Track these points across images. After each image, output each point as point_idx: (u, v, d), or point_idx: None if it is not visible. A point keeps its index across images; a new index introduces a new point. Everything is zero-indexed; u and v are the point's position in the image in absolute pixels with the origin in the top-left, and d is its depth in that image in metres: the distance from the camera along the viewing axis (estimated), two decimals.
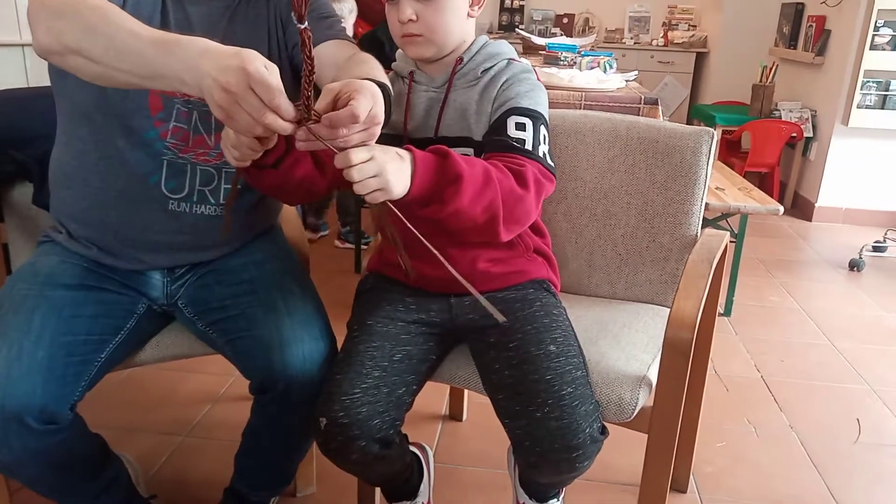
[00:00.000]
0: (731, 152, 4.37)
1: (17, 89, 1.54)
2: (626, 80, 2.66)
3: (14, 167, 1.39)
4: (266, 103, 0.78)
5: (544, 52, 3.27)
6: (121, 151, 1.13)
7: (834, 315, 2.65)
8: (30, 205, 1.40)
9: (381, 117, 0.88)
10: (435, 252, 0.88)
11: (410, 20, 1.10)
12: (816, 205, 3.92)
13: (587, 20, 5.84)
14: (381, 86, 0.93)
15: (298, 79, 0.96)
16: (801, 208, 4.10)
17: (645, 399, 1.12)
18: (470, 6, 1.15)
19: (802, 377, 2.16)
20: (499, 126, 1.11)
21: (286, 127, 0.81)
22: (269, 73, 0.78)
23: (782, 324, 2.56)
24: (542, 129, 1.12)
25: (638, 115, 2.27)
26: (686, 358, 1.07)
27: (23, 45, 2.99)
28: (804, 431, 1.86)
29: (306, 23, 0.78)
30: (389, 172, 0.88)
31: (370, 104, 0.84)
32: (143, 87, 0.91)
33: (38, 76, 2.94)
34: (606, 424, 1.08)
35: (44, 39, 0.90)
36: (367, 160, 0.87)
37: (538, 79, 1.20)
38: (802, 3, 4.31)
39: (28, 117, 1.43)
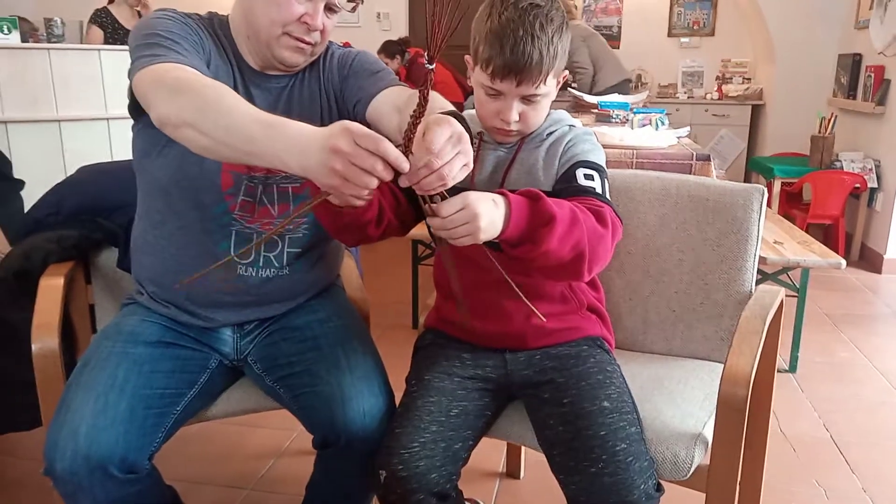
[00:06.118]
0: (791, 204, 4.29)
1: (105, 163, 1.68)
2: (679, 137, 2.69)
3: (102, 234, 1.51)
4: (374, 152, 0.84)
5: (596, 111, 3.33)
6: (193, 223, 1.23)
7: None
8: (115, 268, 1.52)
9: (466, 136, 0.90)
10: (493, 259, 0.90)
11: (515, 121, 1.16)
12: (885, 257, 3.79)
13: (640, 76, 5.90)
14: (456, 114, 0.97)
15: None
16: (868, 260, 3.96)
17: (701, 457, 1.12)
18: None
19: (874, 437, 2.08)
20: (569, 176, 1.16)
21: (400, 167, 0.86)
22: None
23: (851, 380, 2.46)
24: (606, 182, 1.18)
25: (690, 171, 2.28)
26: (741, 415, 1.07)
27: (107, 119, 3.24)
28: (878, 495, 1.78)
29: (434, 65, 0.85)
30: (481, 219, 0.92)
31: (446, 132, 0.87)
32: (241, 162, 1.00)
33: (122, 146, 3.16)
34: (663, 483, 1.08)
35: (164, 111, 1.00)
36: (458, 211, 0.91)
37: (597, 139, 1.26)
38: (860, 54, 4.27)
39: (114, 188, 1.56)
